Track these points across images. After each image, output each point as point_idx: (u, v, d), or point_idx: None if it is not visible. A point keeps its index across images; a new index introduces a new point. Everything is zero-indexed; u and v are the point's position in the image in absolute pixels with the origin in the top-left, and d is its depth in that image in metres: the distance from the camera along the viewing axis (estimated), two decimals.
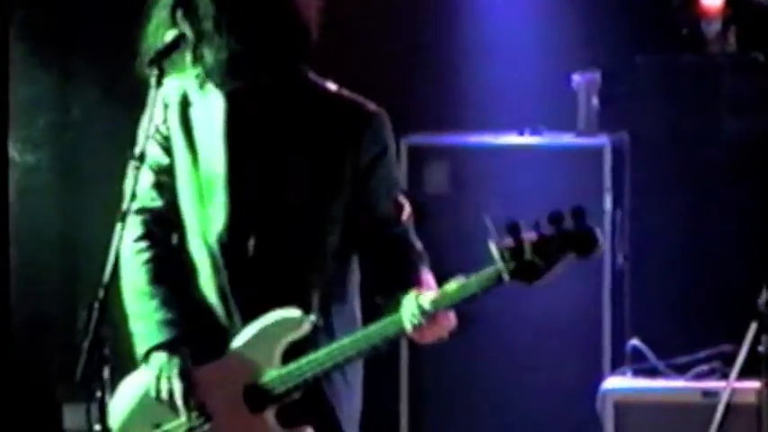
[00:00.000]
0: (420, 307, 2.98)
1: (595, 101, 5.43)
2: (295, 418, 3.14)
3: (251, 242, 3.30)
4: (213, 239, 3.30)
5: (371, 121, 3.23)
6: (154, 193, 3.27)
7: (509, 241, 2.87)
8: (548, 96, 5.65)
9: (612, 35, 5.74)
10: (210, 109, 3.30)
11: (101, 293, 2.88)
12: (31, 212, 5.67)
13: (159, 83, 3.16)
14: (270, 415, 3.10)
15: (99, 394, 2.81)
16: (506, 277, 2.92)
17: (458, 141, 5.50)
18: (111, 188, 3.28)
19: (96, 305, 2.87)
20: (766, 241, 4.81)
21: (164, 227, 3.37)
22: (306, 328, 3.21)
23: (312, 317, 3.22)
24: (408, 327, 3.01)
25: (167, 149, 3.33)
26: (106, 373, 2.84)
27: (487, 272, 2.96)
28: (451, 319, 3.09)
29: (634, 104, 5.60)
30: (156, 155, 3.30)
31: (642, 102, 5.60)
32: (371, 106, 3.25)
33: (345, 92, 3.27)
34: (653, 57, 5.64)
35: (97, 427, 2.84)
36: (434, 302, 2.99)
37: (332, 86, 3.30)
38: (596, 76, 5.44)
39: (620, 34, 5.72)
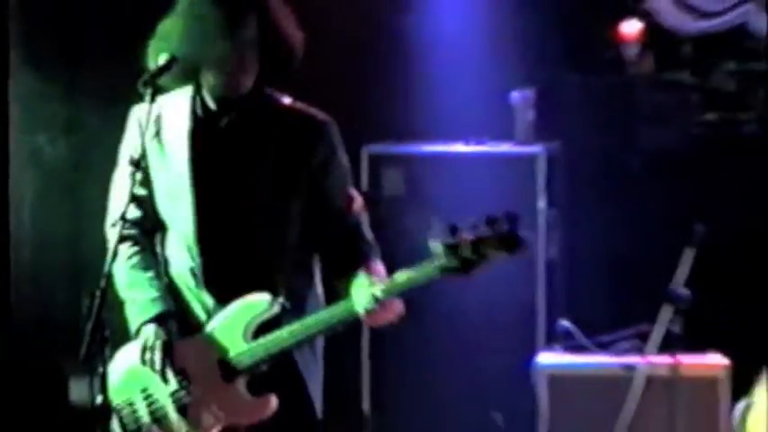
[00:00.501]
0: (372, 295, 3.20)
1: (531, 114, 5.61)
2: (264, 387, 3.30)
3: (219, 238, 3.47)
4: (187, 236, 3.48)
5: (321, 130, 3.40)
6: (133, 204, 3.42)
7: (450, 240, 3.14)
8: (490, 110, 5.77)
9: (547, 56, 5.96)
10: (178, 119, 3.51)
11: (102, 283, 3.07)
12: (44, 209, 5.69)
13: (153, 100, 3.34)
14: (241, 384, 3.28)
15: (101, 369, 3.04)
16: (446, 271, 3.17)
17: (412, 150, 5.68)
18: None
19: (98, 293, 3.06)
20: (677, 236, 4.73)
21: (144, 228, 3.55)
22: (274, 309, 3.37)
23: (280, 299, 3.35)
24: (361, 312, 3.21)
25: (143, 164, 3.48)
26: (107, 351, 3.07)
27: (430, 265, 3.19)
28: (399, 305, 3.29)
29: (565, 118, 5.84)
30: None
31: (572, 115, 5.86)
32: (321, 116, 3.43)
33: (298, 104, 3.45)
34: (582, 76, 5.92)
35: (99, 398, 3.08)
36: (384, 291, 3.19)
37: (287, 100, 3.48)
38: (532, 92, 5.66)
39: (553, 56, 5.94)
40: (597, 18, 6.01)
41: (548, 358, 5.19)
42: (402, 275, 3.25)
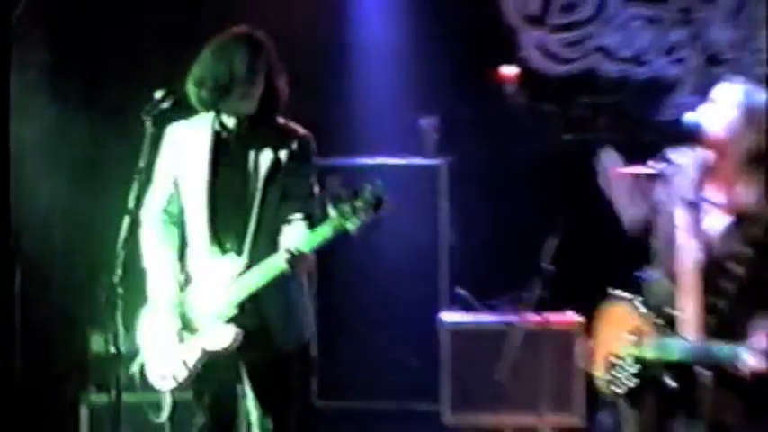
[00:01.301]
0: (288, 250, 3.62)
1: (435, 135, 6.31)
2: (238, 325, 3.69)
3: (226, 212, 3.75)
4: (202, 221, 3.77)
5: (300, 140, 3.81)
6: (167, 201, 3.82)
7: (336, 206, 3.54)
8: (407, 129, 6.41)
9: (448, 90, 6.49)
10: (198, 137, 3.83)
11: (119, 259, 3.51)
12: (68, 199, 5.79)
13: (155, 124, 3.73)
14: (230, 326, 3.67)
15: (117, 325, 3.55)
16: (336, 228, 3.57)
17: (346, 162, 6.12)
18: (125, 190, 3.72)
19: (117, 268, 3.54)
20: (545, 224, 4.91)
21: (173, 220, 3.89)
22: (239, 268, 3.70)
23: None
24: (285, 264, 3.61)
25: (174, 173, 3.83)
26: (119, 314, 3.55)
27: (325, 226, 3.58)
28: (311, 257, 3.69)
29: (461, 137, 6.44)
30: (167, 174, 3.85)
31: (466, 135, 6.46)
32: (302, 131, 3.86)
33: (290, 122, 3.86)
34: (474, 105, 6.50)
35: (113, 348, 3.61)
36: (299, 247, 3.61)
37: (281, 120, 3.86)
38: (436, 118, 6.34)
39: (453, 89, 6.47)
40: (487, 63, 6.61)
41: (448, 317, 5.91)
42: (309, 234, 3.65)
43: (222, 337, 3.78)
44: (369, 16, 6.62)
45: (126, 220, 3.67)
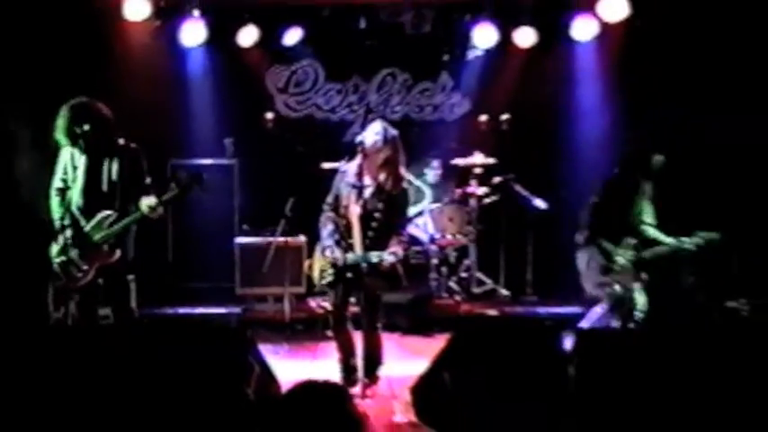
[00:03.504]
0: (147, 205, 4.16)
1: (232, 147, 7.36)
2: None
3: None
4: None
5: (134, 150, 4.29)
6: None
7: (183, 181, 4.15)
8: (219, 143, 7.27)
9: (241, 121, 7.33)
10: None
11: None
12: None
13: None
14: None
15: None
16: (175, 197, 4.16)
17: (191, 162, 6.98)
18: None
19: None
20: (285, 192, 5.55)
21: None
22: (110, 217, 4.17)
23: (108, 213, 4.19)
24: (147, 211, 4.19)
25: None
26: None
27: (172, 190, 4.16)
28: (160, 211, 4.16)
29: (245, 149, 7.36)
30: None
31: (249, 148, 7.33)
32: (134, 145, 4.28)
33: (127, 141, 4.23)
34: (253, 136, 7.32)
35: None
36: (151, 205, 4.16)
37: (119, 140, 4.24)
38: (232, 140, 7.31)
39: (243, 121, 7.34)
40: (259, 111, 7.54)
41: (240, 240, 6.74)
42: (165, 196, 4.18)
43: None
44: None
45: None
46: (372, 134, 4.36)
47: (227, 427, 3.18)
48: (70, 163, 4.32)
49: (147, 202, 4.18)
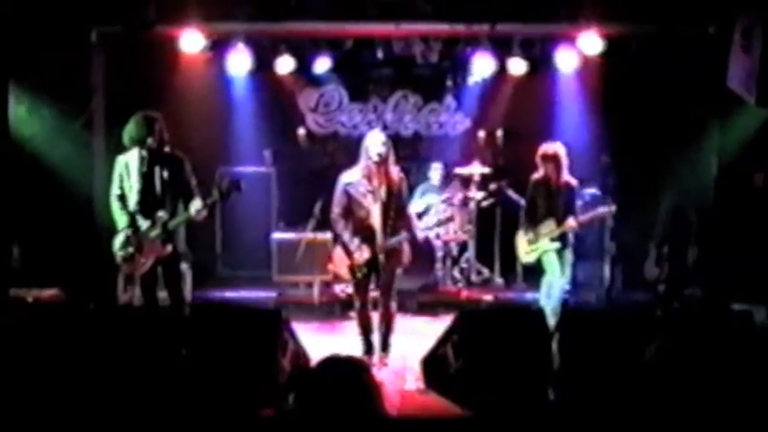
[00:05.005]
0: (196, 208, 4.11)
1: (271, 158, 7.18)
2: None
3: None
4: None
5: (183, 160, 4.26)
6: None
7: (220, 189, 4.03)
8: (260, 154, 7.09)
9: (278, 138, 7.29)
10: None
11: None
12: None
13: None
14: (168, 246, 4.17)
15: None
16: (220, 198, 4.11)
17: (234, 169, 6.81)
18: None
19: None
20: (308, 199, 5.61)
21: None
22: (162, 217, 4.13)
23: (161, 214, 4.15)
24: (193, 215, 4.14)
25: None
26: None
27: (215, 196, 4.11)
28: (204, 213, 4.12)
29: (281, 159, 7.19)
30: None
31: (284, 158, 7.23)
32: (181, 154, 4.24)
33: (174, 150, 4.19)
34: (290, 145, 7.30)
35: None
36: (198, 208, 4.12)
37: (167, 149, 4.20)
38: (270, 150, 7.14)
39: (280, 138, 7.29)
40: (293, 127, 7.44)
41: (277, 235, 6.55)
42: (208, 199, 4.08)
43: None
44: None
45: None
46: (380, 144, 4.38)
47: (265, 392, 3.30)
48: (125, 171, 4.28)
49: (195, 206, 4.16)
